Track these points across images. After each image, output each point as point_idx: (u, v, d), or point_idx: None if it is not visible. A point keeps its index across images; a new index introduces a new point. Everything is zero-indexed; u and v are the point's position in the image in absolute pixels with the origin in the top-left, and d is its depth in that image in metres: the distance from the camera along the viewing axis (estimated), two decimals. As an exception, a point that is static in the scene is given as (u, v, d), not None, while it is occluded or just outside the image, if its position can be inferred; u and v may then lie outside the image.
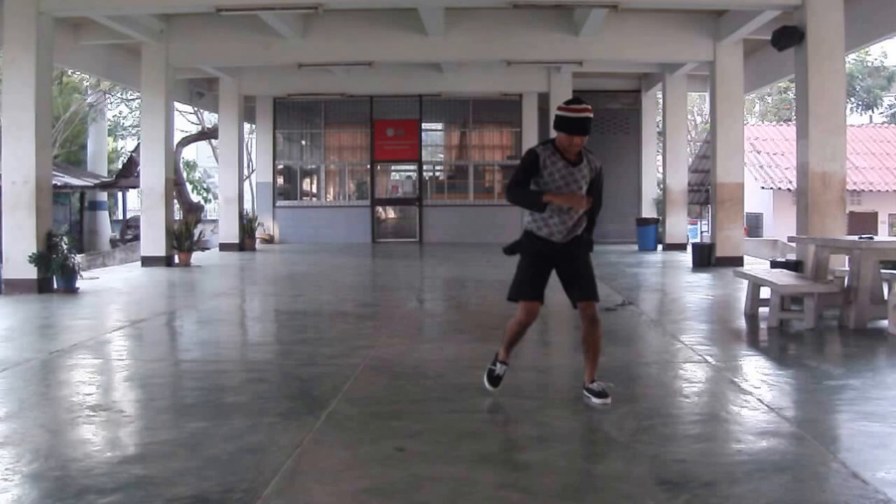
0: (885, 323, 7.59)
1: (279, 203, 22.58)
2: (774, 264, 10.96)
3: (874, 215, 27.28)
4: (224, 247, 19.43)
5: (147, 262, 15.18)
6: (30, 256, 10.96)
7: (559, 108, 4.89)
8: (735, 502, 3.35)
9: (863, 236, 8.43)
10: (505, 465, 3.83)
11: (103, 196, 26.50)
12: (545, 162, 4.88)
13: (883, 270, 8.36)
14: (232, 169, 19.80)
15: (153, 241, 15.29)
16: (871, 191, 27.50)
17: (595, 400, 4.79)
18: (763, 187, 27.25)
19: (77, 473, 3.72)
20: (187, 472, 3.71)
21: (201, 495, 3.41)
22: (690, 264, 14.93)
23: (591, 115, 4.90)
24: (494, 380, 5.16)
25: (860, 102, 35.41)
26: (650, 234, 19.22)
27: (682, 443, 4.19)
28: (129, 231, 25.68)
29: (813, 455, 3.94)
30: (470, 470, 3.74)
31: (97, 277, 12.82)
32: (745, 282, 9.04)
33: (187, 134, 27.81)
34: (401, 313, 9.37)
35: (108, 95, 27.71)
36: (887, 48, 34.59)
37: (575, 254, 4.96)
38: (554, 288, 5.04)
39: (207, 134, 27.38)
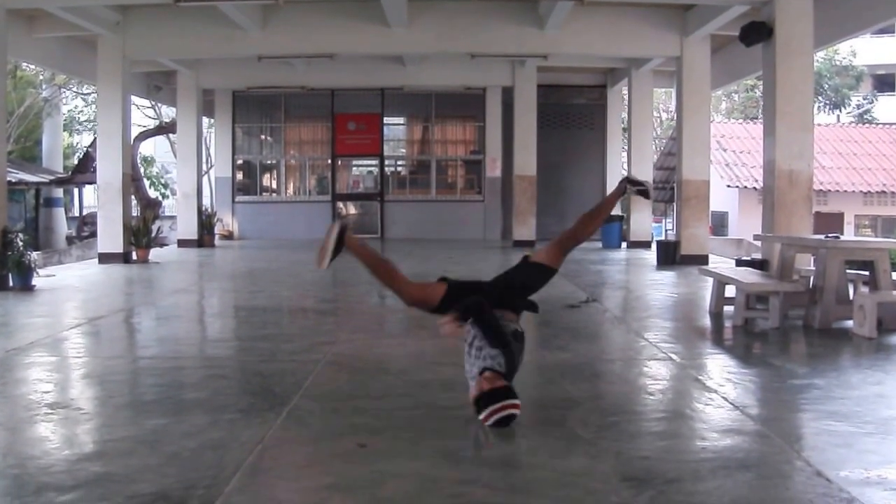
0: (850, 323, 7.61)
1: (238, 198, 22.39)
2: (740, 263, 11.03)
3: (840, 216, 27.57)
4: (182, 243, 19.23)
5: (104, 258, 14.96)
6: (-16, 254, 10.77)
7: None
8: (699, 499, 3.36)
9: (829, 236, 8.46)
10: (469, 462, 3.83)
11: (59, 192, 26.16)
12: None
13: (849, 270, 8.43)
14: (190, 164, 19.58)
15: (110, 237, 15.07)
16: (837, 191, 27.69)
17: None
18: (729, 186, 27.33)
19: (35, 471, 3.66)
20: (147, 469, 3.67)
21: (162, 492, 3.37)
22: (655, 262, 14.97)
23: None
24: None
25: (828, 102, 35.70)
26: (614, 231, 19.28)
27: (647, 440, 4.21)
28: (85, 228, 25.33)
29: (777, 453, 3.97)
30: (433, 466, 3.73)
31: (53, 275, 12.62)
32: (710, 280, 9.07)
33: (145, 128, 27.46)
34: (362, 309, 9.35)
35: (63, 89, 27.30)
36: (856, 47, 34.80)
37: None
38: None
39: (165, 128, 27.07)
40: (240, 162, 22.81)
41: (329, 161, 22.55)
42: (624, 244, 19.28)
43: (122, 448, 4.00)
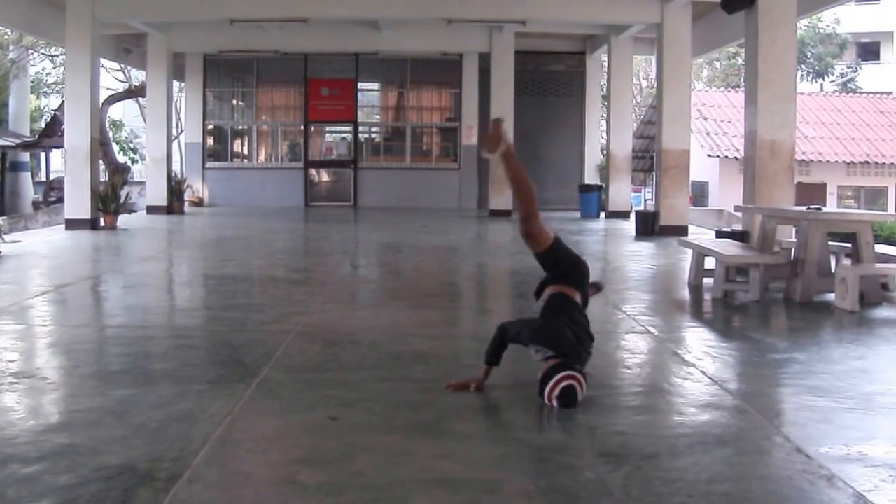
0: (831, 296, 7.55)
1: (209, 164, 22.08)
2: (720, 234, 10.98)
3: (823, 186, 27.55)
4: (151, 209, 18.96)
5: (71, 224, 14.73)
6: (-52, 218, 10.57)
7: None
8: (677, 475, 3.33)
9: (811, 207, 8.42)
10: (441, 435, 3.78)
11: (25, 156, 25.75)
12: None
13: (831, 242, 8.38)
14: (160, 129, 19.29)
15: (78, 203, 14.83)
16: (820, 161, 27.58)
17: None
18: (709, 155, 27.21)
19: (0, 442, 3.59)
20: (114, 440, 3.60)
21: (129, 464, 3.31)
22: (634, 233, 14.92)
23: None
24: None
25: (811, 70, 35.61)
26: (593, 201, 19.20)
27: (624, 414, 4.18)
28: (52, 193, 24.95)
29: (756, 429, 3.95)
30: (405, 440, 3.69)
31: (19, 241, 12.41)
32: (690, 251, 9.01)
33: (114, 92, 27.02)
34: (334, 279, 9.27)
35: (30, 51, 26.79)
36: (840, 15, 34.74)
37: None
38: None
39: (135, 92, 26.66)
40: (210, 127, 22.51)
41: (302, 127, 22.29)
42: (602, 214, 19.21)
43: (89, 419, 3.94)
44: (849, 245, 8.13)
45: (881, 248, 8.43)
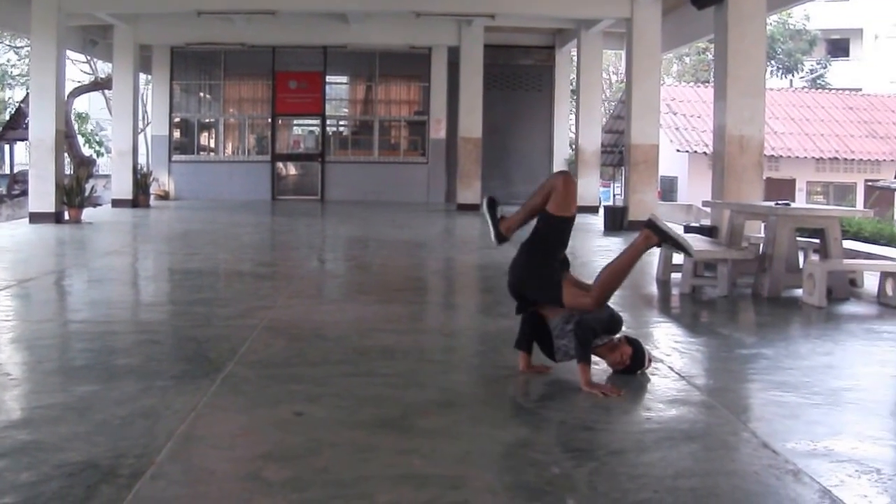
0: (799, 292, 7.59)
1: (175, 157, 21.84)
2: (688, 229, 11.01)
3: (792, 182, 27.72)
4: (117, 203, 18.73)
5: (35, 218, 14.52)
6: None
7: None
8: (643, 470, 3.34)
9: (779, 203, 8.44)
10: (407, 431, 3.78)
11: (-11, 148, 25.41)
12: None
13: (799, 238, 8.44)
14: (126, 121, 19.06)
15: (42, 196, 14.63)
16: (789, 157, 27.77)
17: None
18: (678, 150, 27.27)
19: (-40, 440, 3.55)
20: (76, 437, 3.58)
21: (91, 461, 3.29)
22: (602, 227, 14.94)
23: None
24: None
25: (781, 66, 35.81)
26: (562, 195, 19.16)
27: (590, 410, 4.16)
28: (16, 186, 24.65)
29: (723, 424, 3.97)
30: (371, 435, 3.69)
31: (-19, 234, 12.28)
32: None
33: (79, 84, 26.74)
34: (301, 273, 9.24)
35: (-7, 41, 26.43)
36: (810, 11, 35.04)
37: None
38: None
39: (101, 84, 26.42)
40: (177, 120, 22.28)
41: (269, 120, 22.13)
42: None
43: (51, 415, 3.90)
44: (817, 241, 8.19)
45: (849, 244, 8.53)
